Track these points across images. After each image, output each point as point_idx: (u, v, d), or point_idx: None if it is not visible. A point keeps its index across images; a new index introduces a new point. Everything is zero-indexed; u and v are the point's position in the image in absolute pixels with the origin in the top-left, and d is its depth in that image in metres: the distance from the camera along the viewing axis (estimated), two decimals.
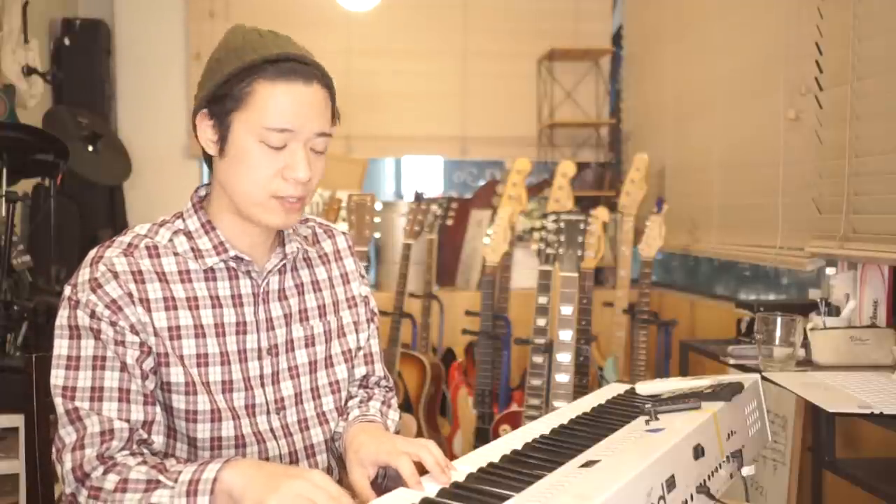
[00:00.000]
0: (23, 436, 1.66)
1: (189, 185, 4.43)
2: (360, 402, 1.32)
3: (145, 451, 1.09)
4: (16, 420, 2.12)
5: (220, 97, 1.12)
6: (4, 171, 2.55)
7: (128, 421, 1.08)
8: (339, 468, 1.29)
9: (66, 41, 3.86)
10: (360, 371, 1.34)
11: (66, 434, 1.07)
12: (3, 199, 2.53)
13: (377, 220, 3.13)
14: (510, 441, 1.11)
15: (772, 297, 3.34)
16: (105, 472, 1.04)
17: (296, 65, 1.11)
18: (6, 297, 2.37)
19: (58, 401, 1.08)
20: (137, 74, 4.18)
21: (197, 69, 4.23)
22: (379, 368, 1.37)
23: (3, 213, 2.53)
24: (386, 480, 1.14)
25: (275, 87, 1.10)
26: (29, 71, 3.20)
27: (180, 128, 4.21)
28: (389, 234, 3.91)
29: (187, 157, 4.25)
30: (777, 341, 1.92)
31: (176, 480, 1.01)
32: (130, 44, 4.16)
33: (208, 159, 1.21)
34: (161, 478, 1.02)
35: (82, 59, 3.88)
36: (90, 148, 3.25)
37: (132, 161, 3.60)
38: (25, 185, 3.04)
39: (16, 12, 3.15)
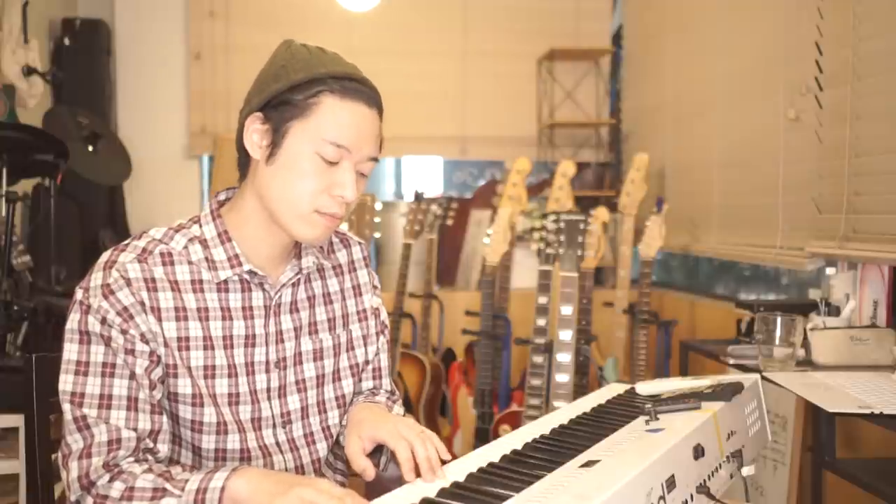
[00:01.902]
0: (23, 436, 1.66)
1: (189, 185, 4.46)
2: (365, 397, 1.32)
3: (150, 458, 1.09)
4: (16, 420, 2.12)
5: (279, 103, 1.12)
6: (4, 171, 2.55)
7: (135, 430, 1.07)
8: (343, 480, 1.29)
9: (66, 41, 3.86)
10: (367, 384, 1.33)
11: (73, 441, 1.06)
12: (3, 199, 2.53)
13: (377, 220, 3.13)
14: (510, 441, 1.11)
15: (772, 297, 3.34)
16: (111, 480, 1.03)
17: (360, 86, 1.12)
18: (6, 297, 2.37)
19: (66, 407, 1.07)
20: (137, 74, 4.18)
21: (197, 69, 4.24)
22: (387, 383, 1.35)
23: (3, 213, 2.52)
24: (387, 465, 1.15)
25: (341, 103, 1.11)
26: (29, 71, 3.19)
27: (180, 128, 4.20)
28: (389, 234, 3.91)
29: (187, 157, 4.25)
30: (777, 341, 1.92)
31: (183, 489, 1.00)
32: (130, 44, 4.16)
33: (243, 164, 1.19)
34: (168, 486, 1.01)
35: (82, 59, 3.88)
36: (90, 148, 3.25)
37: (132, 161, 3.60)
38: (25, 185, 3.04)
39: (16, 12, 3.15)
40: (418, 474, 1.02)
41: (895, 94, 2.09)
